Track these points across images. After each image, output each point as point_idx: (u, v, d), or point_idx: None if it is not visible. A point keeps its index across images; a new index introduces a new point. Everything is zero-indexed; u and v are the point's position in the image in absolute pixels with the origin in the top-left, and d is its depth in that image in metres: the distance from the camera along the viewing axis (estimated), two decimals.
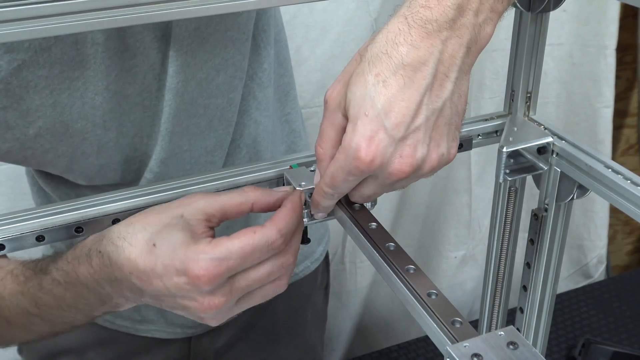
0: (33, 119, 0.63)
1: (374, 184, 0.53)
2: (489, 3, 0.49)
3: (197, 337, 0.91)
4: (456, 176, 1.49)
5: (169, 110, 0.69)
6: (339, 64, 1.29)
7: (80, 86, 0.64)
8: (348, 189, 0.54)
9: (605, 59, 1.50)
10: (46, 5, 0.42)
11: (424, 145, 0.49)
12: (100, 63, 0.63)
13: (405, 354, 1.37)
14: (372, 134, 0.48)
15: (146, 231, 0.52)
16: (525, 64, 0.64)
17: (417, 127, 0.48)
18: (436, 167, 0.51)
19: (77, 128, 0.66)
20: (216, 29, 0.68)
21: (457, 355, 0.42)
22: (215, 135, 0.75)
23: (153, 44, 0.66)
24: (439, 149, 0.50)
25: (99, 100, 0.65)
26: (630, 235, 1.91)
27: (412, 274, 0.50)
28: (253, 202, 0.56)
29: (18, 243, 0.56)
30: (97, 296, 0.55)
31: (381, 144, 0.48)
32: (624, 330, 1.41)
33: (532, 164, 0.62)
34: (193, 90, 0.69)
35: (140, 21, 0.45)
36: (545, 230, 0.66)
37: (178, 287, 0.50)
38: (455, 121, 0.51)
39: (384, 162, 0.49)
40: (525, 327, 0.72)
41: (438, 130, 0.50)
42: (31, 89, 0.62)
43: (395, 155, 0.49)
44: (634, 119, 1.75)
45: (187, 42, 0.66)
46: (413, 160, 0.49)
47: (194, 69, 0.68)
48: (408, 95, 0.47)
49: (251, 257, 0.51)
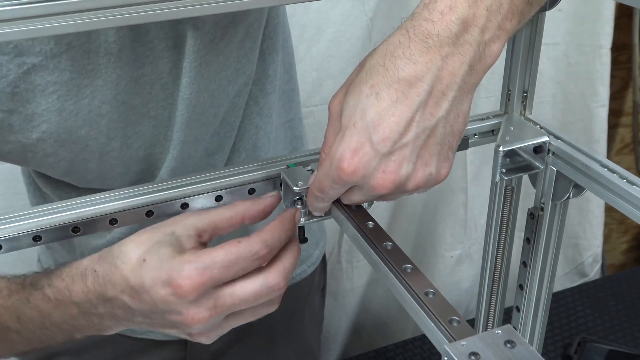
0: (37, 123, 0.63)
1: (359, 193, 0.52)
2: (497, 20, 0.47)
3: None
4: (452, 175, 1.49)
5: (181, 121, 0.69)
6: (334, 64, 1.29)
7: (88, 94, 0.63)
8: (336, 194, 0.54)
9: (600, 58, 1.51)
10: (52, 4, 0.42)
11: (410, 162, 0.48)
12: (112, 73, 0.63)
13: (402, 353, 1.37)
14: (357, 146, 0.48)
15: (138, 249, 0.52)
16: (522, 64, 0.64)
17: (405, 144, 0.47)
18: (422, 186, 0.50)
19: (80, 135, 0.65)
20: (231, 40, 0.67)
21: (455, 354, 0.42)
22: (218, 138, 0.75)
23: (163, 54, 0.65)
24: (427, 169, 0.49)
25: (105, 109, 0.65)
26: (625, 234, 1.91)
27: (410, 273, 0.50)
28: (243, 214, 0.55)
29: (15, 243, 0.56)
30: (86, 317, 0.54)
31: (365, 157, 0.48)
32: (620, 328, 1.42)
33: (528, 163, 0.62)
34: (205, 100, 0.69)
35: (145, 20, 0.44)
36: (541, 229, 0.66)
37: (163, 300, 0.50)
38: (449, 141, 0.50)
39: (366, 175, 0.48)
40: (522, 326, 0.72)
41: (428, 149, 0.49)
42: (38, 93, 0.61)
43: (378, 169, 0.48)
44: (628, 118, 1.76)
45: (201, 53, 0.66)
46: (396, 176, 0.48)
47: (207, 80, 0.68)
48: (399, 111, 0.47)
49: (235, 266, 0.50)
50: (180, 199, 0.58)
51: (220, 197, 0.60)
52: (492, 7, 0.46)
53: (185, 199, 0.59)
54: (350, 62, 1.28)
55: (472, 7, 0.46)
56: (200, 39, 0.65)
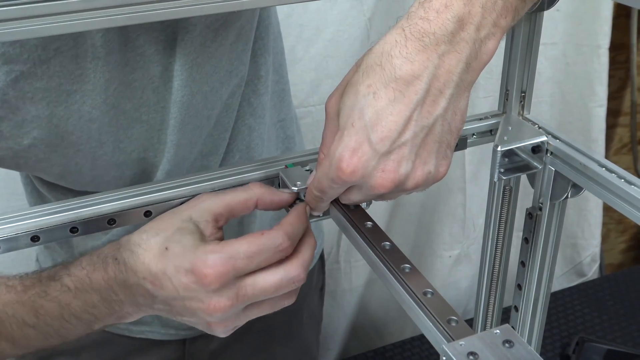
0: (28, 129, 0.63)
1: (359, 193, 0.52)
2: (491, 17, 0.47)
3: (191, 339, 0.91)
4: (451, 175, 1.49)
5: (175, 124, 0.69)
6: (333, 64, 1.29)
7: (77, 99, 0.63)
8: (335, 194, 0.54)
9: (598, 58, 1.51)
10: (41, 5, 0.42)
11: (409, 161, 0.48)
12: (100, 77, 0.63)
13: (401, 353, 1.37)
14: (356, 146, 0.48)
15: (159, 236, 0.53)
16: (520, 63, 0.64)
17: (403, 143, 0.48)
18: (421, 184, 0.50)
19: (71, 140, 0.65)
20: (222, 43, 0.67)
21: (453, 353, 0.42)
22: (212, 140, 0.75)
23: (153, 58, 0.65)
24: (425, 167, 0.49)
25: (95, 114, 0.65)
26: (623, 234, 1.92)
27: (408, 272, 0.50)
28: (258, 199, 0.56)
29: (13, 243, 0.55)
30: (107, 304, 0.55)
31: (364, 157, 0.48)
32: (618, 328, 1.42)
33: (526, 163, 0.62)
34: (198, 103, 0.69)
35: (135, 21, 0.44)
36: (539, 229, 0.66)
37: (186, 287, 0.51)
38: (447, 139, 0.50)
39: (366, 174, 0.48)
40: (520, 326, 0.72)
41: (426, 148, 0.49)
42: (28, 100, 0.61)
43: (377, 169, 0.48)
44: (627, 118, 1.76)
45: (193, 56, 0.66)
46: (395, 175, 0.48)
47: (199, 83, 0.68)
48: (397, 110, 0.47)
49: (257, 257, 0.51)
50: (178, 199, 0.58)
51: None
52: (487, 5, 0.47)
53: (184, 199, 0.59)
54: (348, 62, 1.28)
55: (467, 5, 0.46)
56: (191, 42, 0.65)
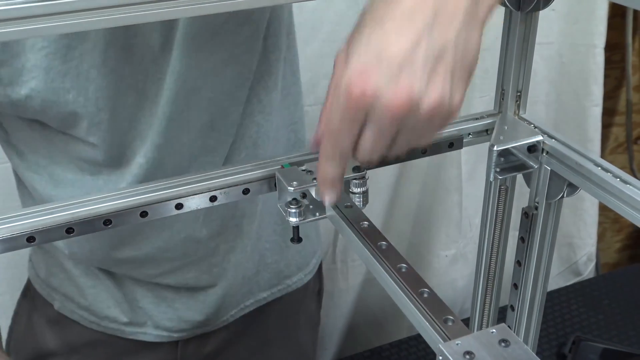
0: (26, 79, 0.64)
1: (372, 130, 0.47)
2: None
3: (184, 341, 0.91)
4: (447, 175, 1.49)
5: (169, 94, 0.69)
6: (329, 64, 1.27)
7: (77, 56, 0.65)
8: (347, 138, 0.48)
9: (594, 57, 1.51)
10: (41, 5, 0.42)
11: (422, 81, 0.45)
12: (101, 37, 0.64)
13: (397, 353, 1.37)
14: (364, 68, 0.45)
15: None
16: (515, 63, 0.64)
17: (414, 63, 0.44)
18: (436, 108, 0.46)
19: (68, 99, 0.66)
20: (227, 22, 0.68)
21: (450, 353, 0.42)
22: (218, 134, 0.75)
23: (155, 25, 0.66)
24: (439, 90, 0.45)
25: (93, 74, 0.66)
26: (619, 233, 1.92)
27: (404, 272, 0.50)
28: None
29: (8, 244, 0.55)
30: None
31: (374, 77, 0.45)
32: (614, 327, 1.42)
33: (522, 163, 0.62)
34: (197, 78, 0.69)
35: (136, 21, 0.44)
36: (535, 229, 0.66)
37: None
38: (460, 73, 0.46)
39: (378, 94, 0.45)
40: (516, 325, 0.72)
41: (439, 72, 0.45)
42: (28, 47, 0.63)
43: (390, 85, 0.45)
44: (622, 118, 1.76)
45: (194, 27, 0.66)
46: (409, 90, 0.44)
47: (199, 58, 0.68)
48: (406, 32, 0.44)
49: None
50: (174, 199, 0.58)
51: (214, 197, 0.60)
52: None
53: (180, 199, 0.59)
54: None
55: None
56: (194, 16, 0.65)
